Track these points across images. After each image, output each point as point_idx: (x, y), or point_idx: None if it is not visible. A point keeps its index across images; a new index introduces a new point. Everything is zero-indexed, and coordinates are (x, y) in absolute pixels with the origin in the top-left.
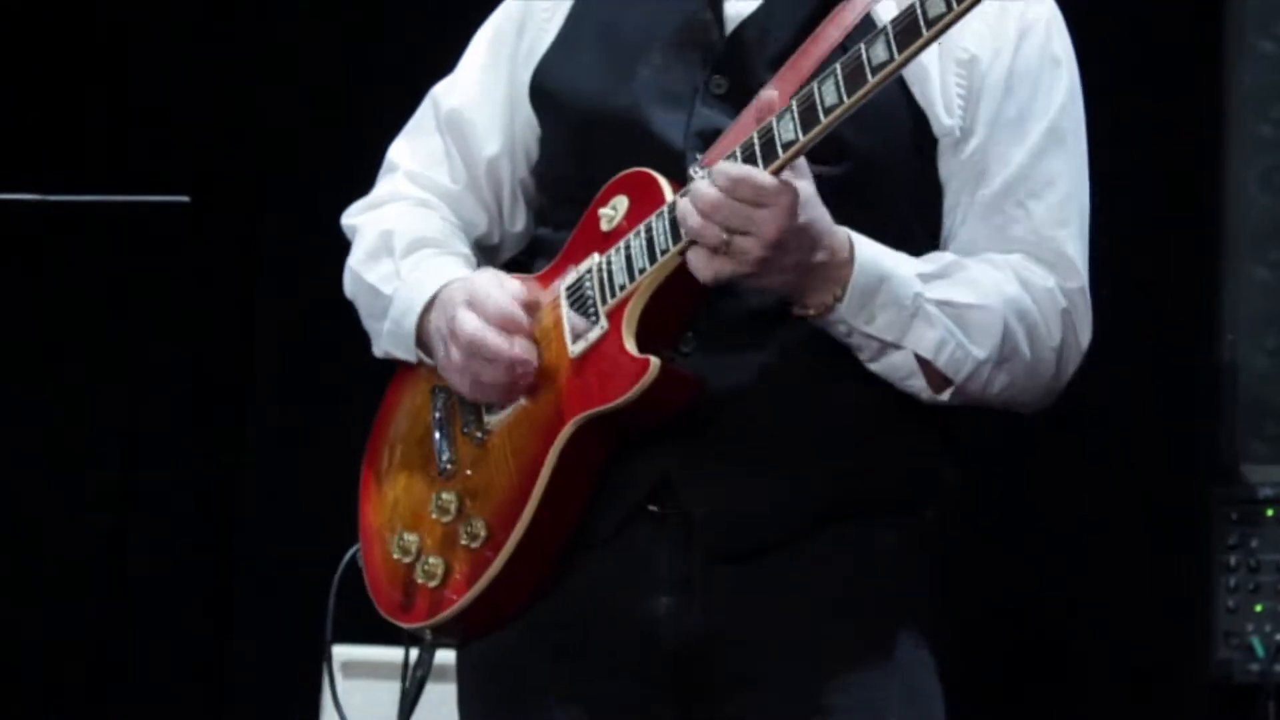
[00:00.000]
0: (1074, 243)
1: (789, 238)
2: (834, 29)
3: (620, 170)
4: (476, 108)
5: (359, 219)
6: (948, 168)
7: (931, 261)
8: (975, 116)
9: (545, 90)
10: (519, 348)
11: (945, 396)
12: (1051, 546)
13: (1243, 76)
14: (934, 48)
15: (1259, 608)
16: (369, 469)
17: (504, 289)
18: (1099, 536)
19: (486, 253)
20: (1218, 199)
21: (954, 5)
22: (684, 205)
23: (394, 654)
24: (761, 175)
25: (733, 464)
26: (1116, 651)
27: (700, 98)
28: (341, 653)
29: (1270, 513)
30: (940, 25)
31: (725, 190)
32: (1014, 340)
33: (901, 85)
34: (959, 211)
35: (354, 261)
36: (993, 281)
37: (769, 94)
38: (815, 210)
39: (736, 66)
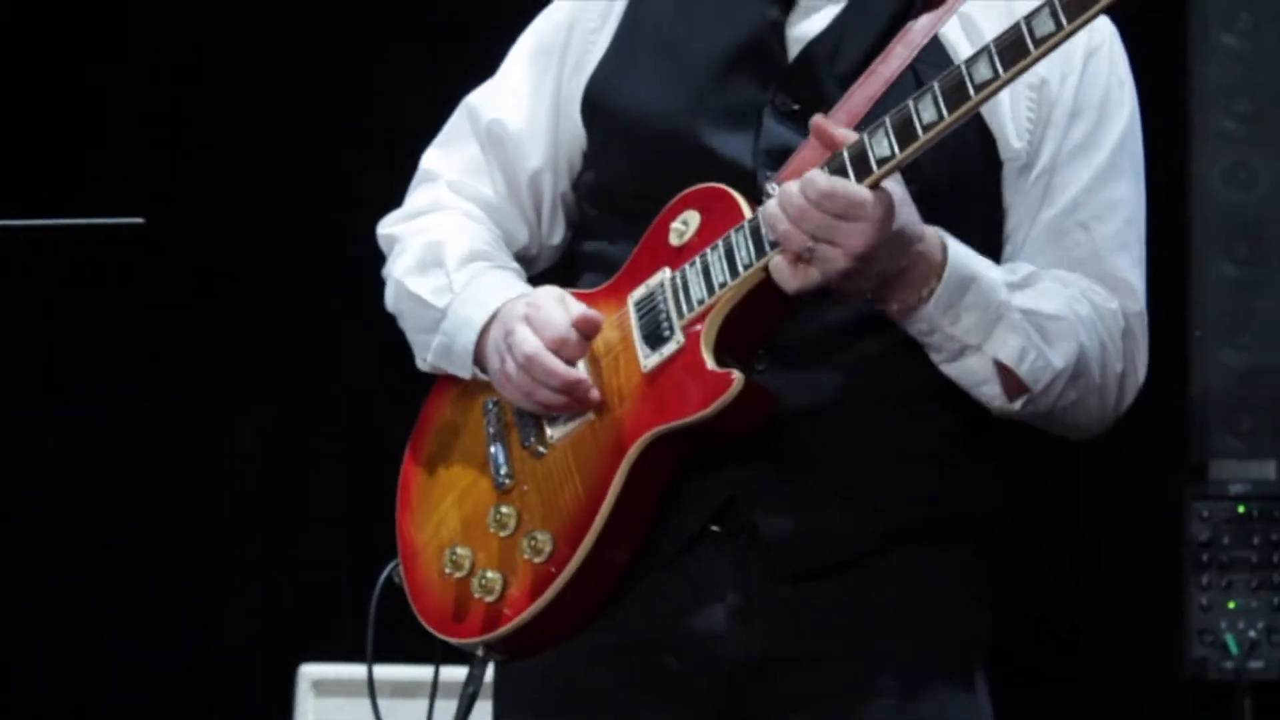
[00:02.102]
0: (1135, 269)
1: (879, 249)
2: (902, 48)
3: (682, 186)
4: (519, 119)
5: (399, 228)
6: (1013, 191)
7: (1014, 271)
8: (1042, 140)
9: (600, 105)
10: (573, 371)
11: (1018, 406)
12: (1024, 548)
13: (1205, 72)
14: None
15: (1232, 604)
16: (409, 483)
17: (566, 309)
18: (1071, 536)
19: (524, 264)
20: (1183, 196)
21: (1063, 24)
22: (772, 210)
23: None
24: (854, 189)
25: (799, 486)
26: (1092, 650)
27: (768, 115)
28: (313, 671)
29: (1242, 509)
30: (1049, 44)
31: (814, 201)
32: (1086, 356)
33: None
34: (1021, 233)
35: (399, 273)
36: (1068, 296)
37: (842, 133)
38: (908, 214)
39: (806, 85)
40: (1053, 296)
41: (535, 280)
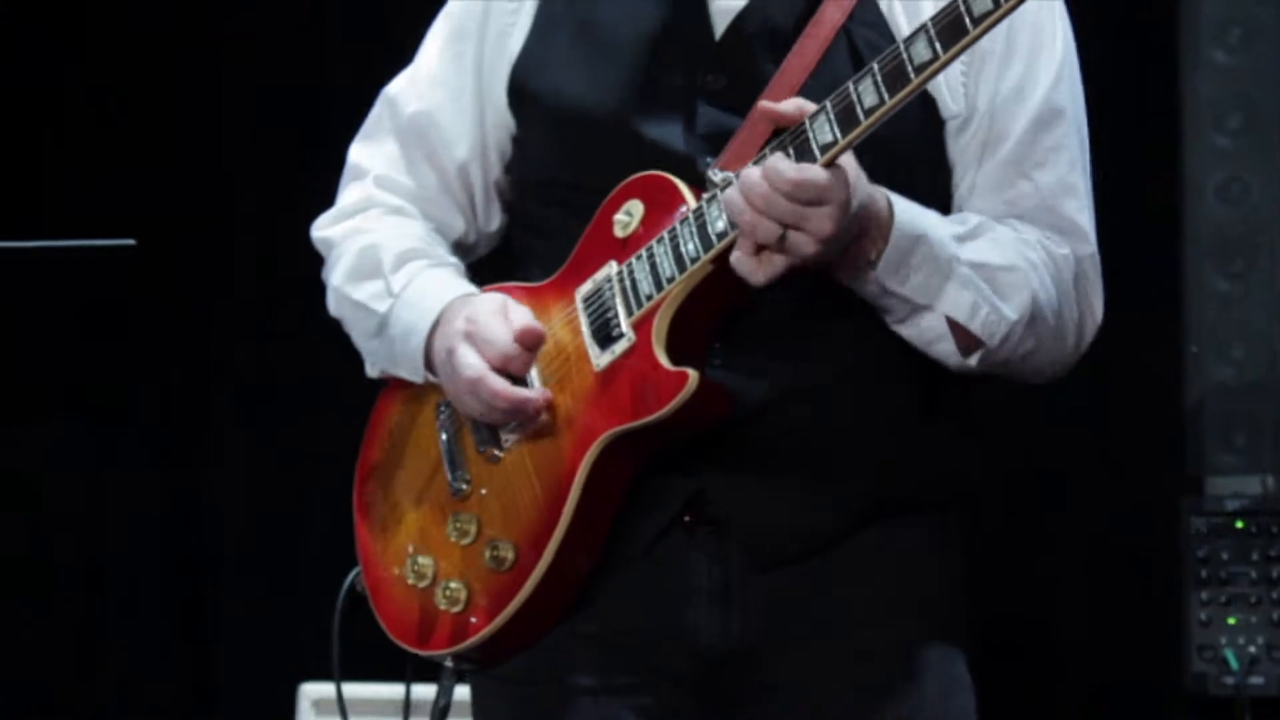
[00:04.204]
0: (1083, 211)
1: (842, 229)
2: (835, 10)
3: (617, 174)
4: (442, 109)
5: (332, 230)
6: (956, 147)
7: (963, 222)
8: (977, 90)
9: (526, 91)
10: (519, 392)
11: (973, 361)
12: (1022, 564)
13: (1198, 88)
14: None
15: (1232, 620)
16: (364, 489)
17: (507, 322)
18: (1070, 552)
19: (462, 252)
20: (1176, 210)
21: (1001, 3)
22: (735, 200)
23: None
24: (819, 174)
25: (766, 475)
26: (1092, 667)
27: (700, 97)
28: (313, 690)
29: (1240, 524)
30: (988, 22)
31: (785, 192)
32: (1039, 304)
33: None
34: (965, 184)
35: (338, 280)
36: (1018, 243)
37: (794, 104)
38: (863, 189)
39: (736, 61)
40: (1002, 246)
41: (476, 267)
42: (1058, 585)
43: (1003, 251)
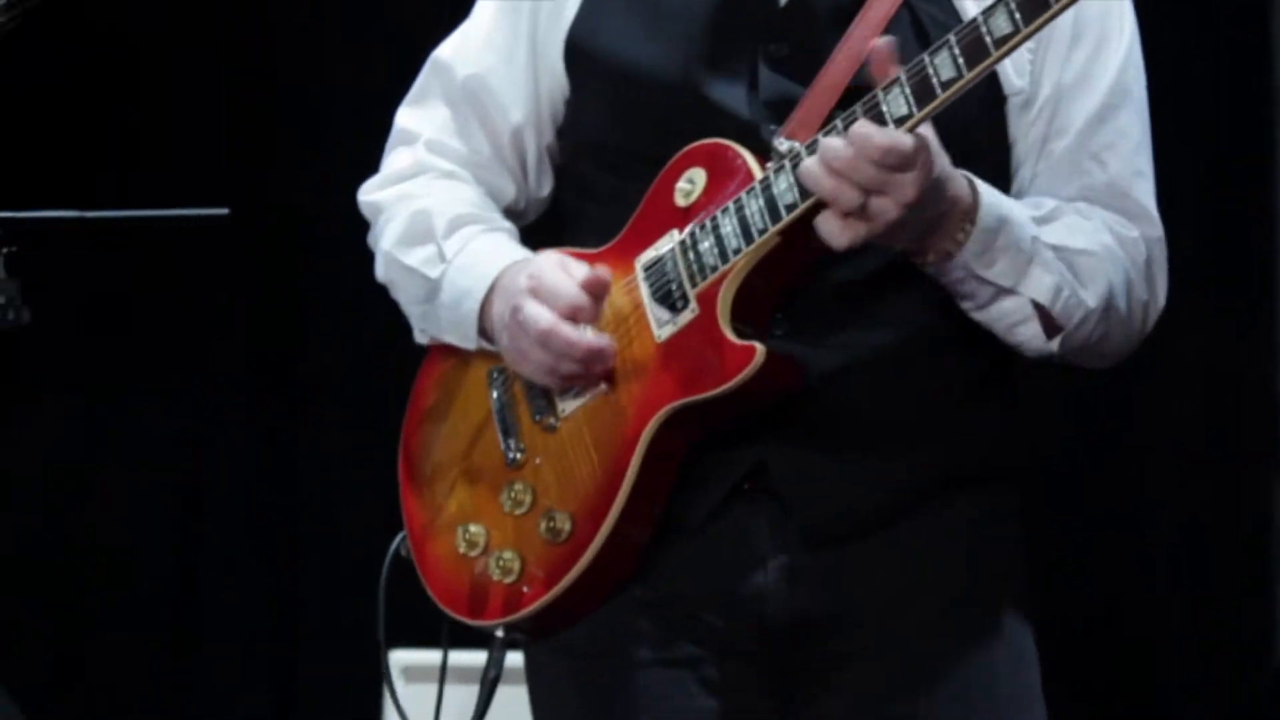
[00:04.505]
0: (1150, 195)
1: (925, 195)
2: None
3: (677, 138)
4: (496, 73)
5: (381, 195)
6: (1017, 125)
7: (1038, 206)
8: (1043, 71)
9: (585, 53)
10: (595, 338)
11: (1055, 345)
12: (1115, 546)
13: None
14: None
15: None
16: (411, 456)
17: (570, 275)
18: (1163, 535)
19: (512, 218)
20: (1270, 198)
21: None
22: (813, 169)
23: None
24: (905, 139)
25: (826, 449)
26: (1181, 650)
27: (763, 63)
28: (403, 657)
29: None
30: None
31: (873, 158)
32: (1114, 290)
33: None
34: (1028, 168)
35: (388, 244)
36: (1091, 229)
37: (879, 43)
38: (942, 159)
39: (800, 29)
40: (1078, 231)
41: (526, 234)
42: (1150, 565)
43: (1080, 236)
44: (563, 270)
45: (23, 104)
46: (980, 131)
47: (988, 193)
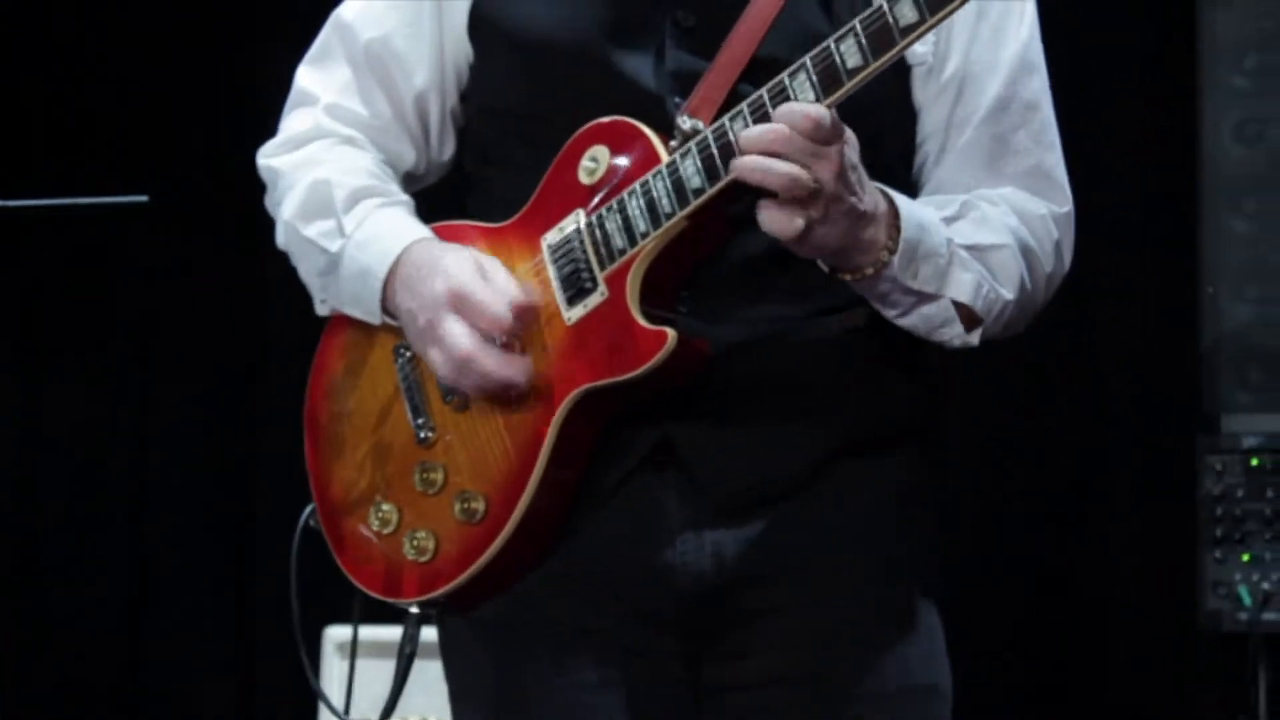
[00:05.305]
0: (1060, 165)
1: (850, 173)
2: None
3: (582, 106)
4: (399, 34)
5: (280, 160)
6: (924, 92)
7: (947, 204)
8: (950, 43)
9: (489, 18)
10: (512, 372)
11: (975, 339)
12: (1037, 502)
13: (1215, 26)
14: None
15: (1246, 557)
16: (318, 428)
17: (490, 285)
18: (1084, 491)
19: (412, 182)
20: (1193, 151)
21: None
22: (759, 163)
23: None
24: (828, 112)
25: (731, 420)
26: (1106, 603)
27: (670, 34)
28: (339, 634)
29: (1255, 462)
30: None
31: (808, 133)
32: (1024, 276)
33: None
34: (935, 141)
35: (288, 214)
36: (999, 216)
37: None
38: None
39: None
40: (985, 226)
41: (426, 195)
42: (1072, 524)
43: (988, 230)
44: (482, 279)
45: None
46: (887, 99)
47: (904, 202)
